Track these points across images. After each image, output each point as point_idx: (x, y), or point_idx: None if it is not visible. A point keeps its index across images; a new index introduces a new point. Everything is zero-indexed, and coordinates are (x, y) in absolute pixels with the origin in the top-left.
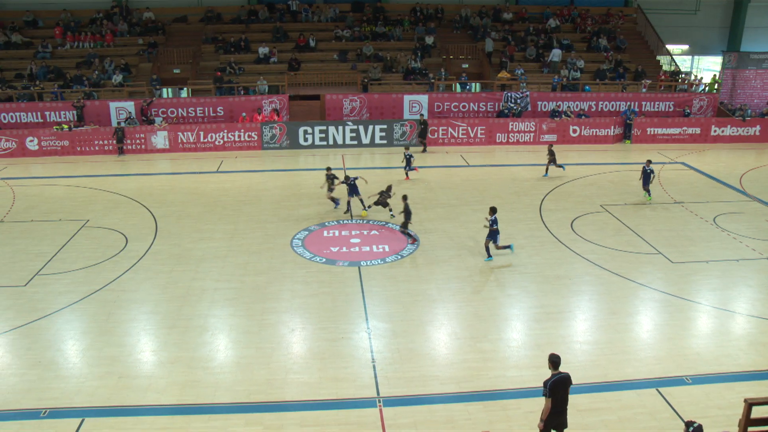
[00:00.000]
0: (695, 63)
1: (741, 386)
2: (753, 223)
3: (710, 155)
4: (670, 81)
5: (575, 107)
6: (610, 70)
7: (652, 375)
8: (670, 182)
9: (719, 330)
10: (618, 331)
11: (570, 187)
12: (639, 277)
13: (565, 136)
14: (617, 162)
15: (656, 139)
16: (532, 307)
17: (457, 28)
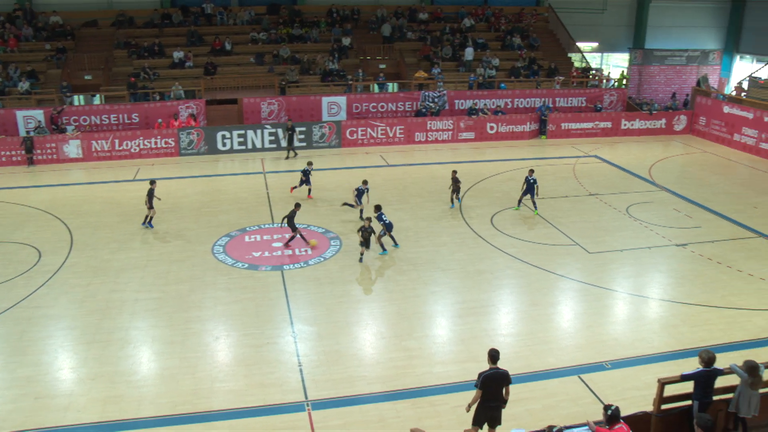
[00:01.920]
0: (604, 60)
1: (655, 367)
2: (662, 212)
3: (621, 148)
4: (581, 77)
5: (492, 105)
6: (524, 68)
7: (574, 362)
8: (585, 175)
9: (634, 315)
10: (539, 321)
11: (488, 184)
12: (558, 268)
13: (483, 133)
14: (534, 157)
15: (570, 134)
16: (455, 303)
17: (374, 28)
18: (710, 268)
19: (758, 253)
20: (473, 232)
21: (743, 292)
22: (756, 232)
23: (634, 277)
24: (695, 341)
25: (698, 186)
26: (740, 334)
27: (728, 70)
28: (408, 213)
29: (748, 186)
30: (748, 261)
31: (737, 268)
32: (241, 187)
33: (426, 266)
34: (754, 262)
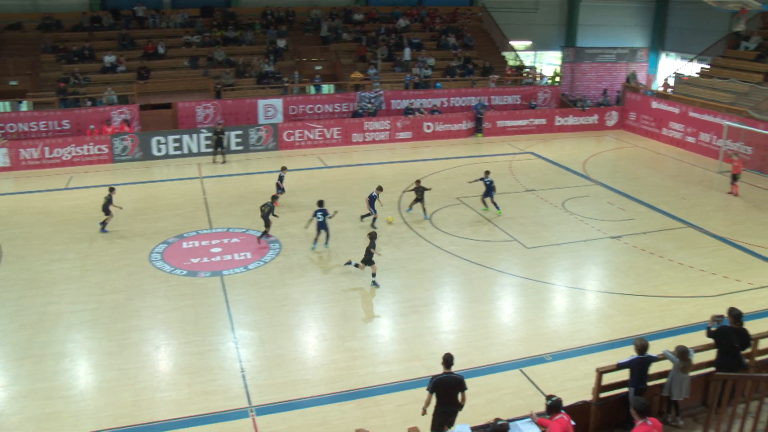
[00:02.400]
0: (538, 58)
1: (594, 357)
2: (597, 206)
3: (556, 144)
4: (515, 76)
5: (428, 104)
6: (459, 67)
7: (515, 356)
8: (521, 171)
9: (572, 307)
10: (481, 317)
11: (427, 182)
12: (497, 264)
13: (420, 132)
14: (471, 155)
15: (506, 131)
16: (397, 302)
17: (309, 30)
18: (643, 258)
19: (687, 242)
20: (413, 231)
21: (674, 280)
22: (685, 223)
23: (571, 270)
24: (631, 330)
25: (630, 179)
26: (672, 321)
27: (655, 66)
28: (347, 214)
29: (676, 178)
30: (678, 251)
31: (668, 258)
32: (177, 192)
33: (367, 267)
34: (684, 251)
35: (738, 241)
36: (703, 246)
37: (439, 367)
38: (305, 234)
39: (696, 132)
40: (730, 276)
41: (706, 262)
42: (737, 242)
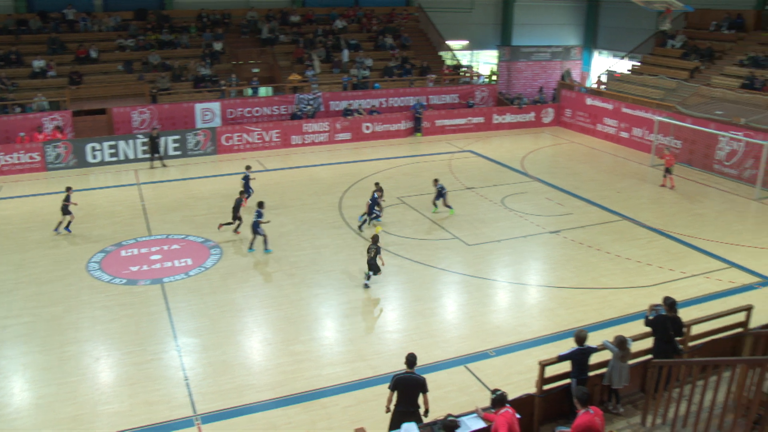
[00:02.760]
0: (474, 57)
1: (536, 351)
2: (535, 201)
3: (494, 142)
4: (453, 75)
5: (367, 105)
6: (397, 67)
7: (459, 353)
8: (460, 170)
9: (514, 302)
10: (424, 316)
11: (368, 183)
12: (439, 262)
13: (359, 133)
14: (410, 155)
15: (445, 130)
16: (340, 304)
17: (245, 32)
18: (581, 252)
19: (623, 235)
20: (354, 232)
21: (611, 272)
22: (620, 216)
23: (512, 266)
24: (572, 322)
25: (567, 174)
26: (611, 312)
27: (588, 64)
28: (288, 217)
29: (611, 172)
30: (615, 243)
31: (605, 251)
32: (114, 200)
33: (308, 269)
34: (620, 243)
35: (670, 231)
36: (638, 238)
37: (385, 366)
38: (247, 238)
39: (629, 127)
40: (664, 266)
41: (642, 254)
42: (670, 233)
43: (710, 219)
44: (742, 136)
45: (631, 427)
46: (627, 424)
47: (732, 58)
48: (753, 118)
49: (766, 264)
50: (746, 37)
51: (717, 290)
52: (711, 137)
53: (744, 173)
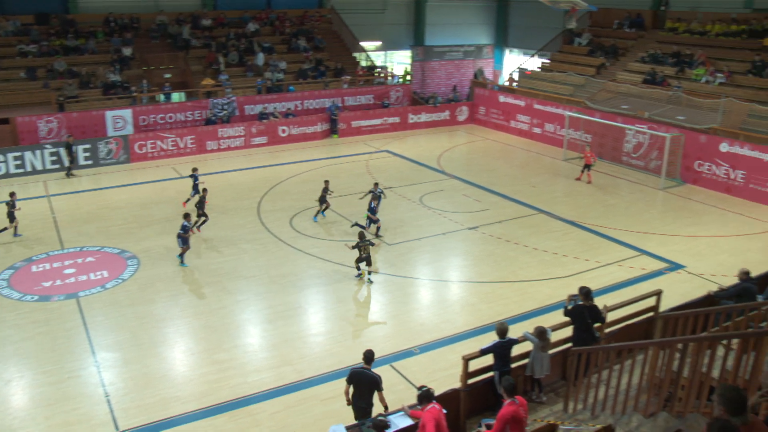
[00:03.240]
0: (388, 57)
1: (460, 346)
2: (453, 199)
3: (410, 141)
4: (367, 76)
5: (282, 108)
6: (311, 69)
7: (385, 352)
8: (378, 170)
9: (437, 299)
10: (347, 317)
11: (285, 186)
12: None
13: (275, 136)
14: (328, 157)
15: (361, 131)
16: (262, 309)
17: (155, 37)
18: (500, 246)
19: (539, 228)
20: (273, 236)
21: (529, 265)
22: (536, 209)
23: (433, 263)
24: (493, 316)
25: (483, 171)
26: (531, 304)
27: (500, 62)
28: (207, 224)
29: (526, 168)
30: (531, 236)
31: (523, 244)
32: (22, 213)
33: (229, 276)
34: (536, 237)
35: (584, 223)
36: (554, 230)
37: (310, 370)
38: (164, 247)
39: (541, 123)
40: (579, 256)
41: (558, 245)
42: (584, 224)
43: (621, 209)
44: (646, 129)
45: (554, 415)
46: (550, 411)
47: (634, 55)
48: (655, 111)
49: (673, 250)
50: (646, 35)
51: (629, 277)
52: (618, 131)
53: (650, 164)
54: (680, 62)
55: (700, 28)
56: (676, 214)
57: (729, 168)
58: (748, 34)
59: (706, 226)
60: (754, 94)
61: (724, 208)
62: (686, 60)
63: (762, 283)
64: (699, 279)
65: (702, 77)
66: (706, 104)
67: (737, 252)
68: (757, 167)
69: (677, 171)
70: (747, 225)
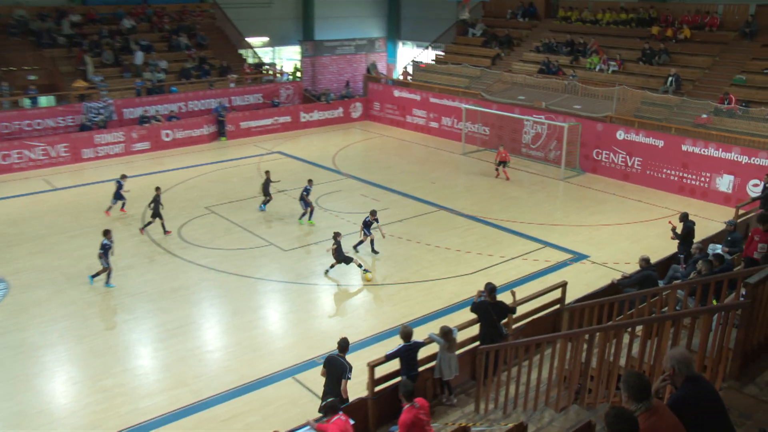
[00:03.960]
0: (277, 53)
1: (366, 352)
2: (350, 199)
3: (303, 141)
4: (255, 73)
5: (164, 110)
6: (194, 68)
7: (286, 365)
8: (271, 172)
9: (339, 305)
10: (245, 329)
11: (171, 194)
12: (255, 271)
13: (158, 141)
14: (216, 161)
15: (251, 133)
16: (152, 328)
17: (14, 33)
18: (401, 246)
19: (440, 225)
20: (161, 248)
21: (433, 263)
22: (437, 206)
23: (334, 267)
24: (399, 318)
25: (380, 169)
26: (437, 303)
27: (394, 56)
28: (86, 239)
29: (423, 163)
30: (434, 234)
31: (425, 242)
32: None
33: (115, 294)
34: (438, 234)
35: (487, 217)
36: (457, 226)
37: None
38: (37, 268)
39: (438, 117)
40: (483, 252)
41: (461, 242)
42: (486, 219)
43: (523, 202)
44: (544, 119)
45: (465, 416)
46: (462, 413)
47: (529, 44)
48: (552, 101)
49: (576, 240)
50: (539, 24)
51: (534, 270)
52: (516, 122)
53: (549, 155)
54: (574, 51)
55: (592, 16)
56: (578, 204)
57: (626, 155)
58: (636, 23)
59: (607, 215)
60: (645, 81)
61: (624, 195)
62: (580, 49)
63: (662, 269)
64: (603, 268)
65: (596, 66)
66: (601, 93)
67: (637, 239)
68: (652, 153)
69: (576, 161)
70: (646, 211)
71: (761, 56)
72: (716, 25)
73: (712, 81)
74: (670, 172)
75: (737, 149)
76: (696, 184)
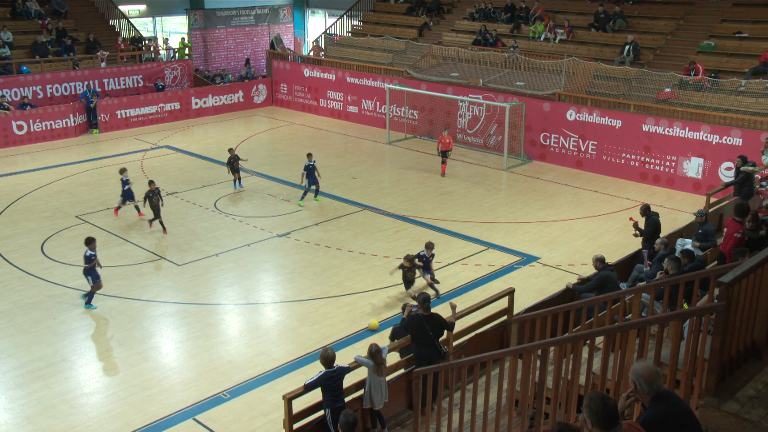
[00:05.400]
0: (159, 26)
1: (281, 383)
2: (256, 201)
3: (197, 132)
4: (132, 50)
5: (15, 96)
6: (51, 43)
7: (185, 403)
8: (157, 171)
9: (247, 327)
10: (132, 364)
11: (30, 202)
12: (143, 293)
13: (9, 135)
14: (88, 158)
15: (130, 123)
16: (9, 371)
17: None
18: (319, 254)
19: (365, 227)
20: (18, 269)
21: (358, 273)
22: (359, 205)
23: (238, 283)
24: (319, 341)
25: (291, 163)
26: (364, 321)
27: (302, 27)
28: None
29: (342, 156)
30: (357, 238)
31: (347, 249)
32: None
33: None
34: (363, 238)
35: (419, 217)
36: (384, 228)
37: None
38: None
39: (357, 100)
40: None
41: (390, 246)
42: (418, 218)
43: (460, 197)
44: (481, 99)
45: None
46: None
47: (462, 11)
48: (491, 78)
49: (524, 240)
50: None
51: (477, 277)
52: (450, 103)
53: (489, 141)
54: (515, 17)
55: None
56: (525, 198)
57: (578, 139)
58: None
59: (558, 209)
60: (598, 51)
61: (577, 186)
62: (521, 15)
63: (624, 268)
64: (556, 271)
65: (540, 35)
66: (548, 66)
67: (594, 235)
68: (609, 136)
69: (521, 147)
70: (603, 203)
71: (732, 17)
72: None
73: (676, 49)
74: (630, 156)
75: (706, 128)
76: (660, 170)
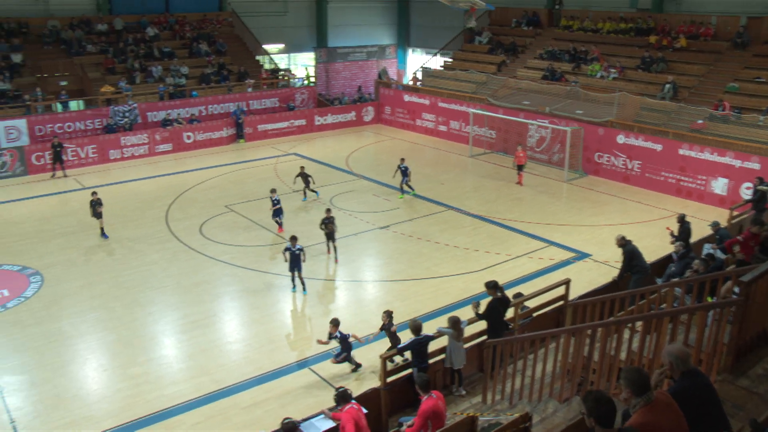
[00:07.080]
0: (292, 60)
1: (378, 345)
2: (363, 199)
3: (318, 143)
4: (271, 79)
5: (186, 114)
6: (214, 74)
7: (302, 356)
8: (286, 173)
9: (353, 300)
10: (262, 323)
11: (193, 194)
12: (272, 267)
13: (180, 143)
14: (235, 162)
15: (268, 135)
16: (176, 320)
17: (48, 42)
18: (412, 244)
19: (449, 224)
20: (183, 244)
21: (443, 261)
22: (446, 206)
23: (347, 264)
24: (410, 313)
25: (391, 170)
26: (446, 299)
27: (404, 62)
28: (112, 235)
29: (434, 165)
30: (443, 233)
31: (435, 241)
32: None
33: (139, 287)
34: (447, 233)
35: (493, 217)
36: (465, 226)
37: (230, 378)
38: (69, 262)
39: (446, 121)
40: (490, 250)
41: (469, 240)
42: (493, 219)
43: (528, 202)
44: (547, 123)
45: (474, 407)
46: (470, 404)
47: (533, 52)
48: (555, 106)
49: (578, 239)
50: (543, 32)
51: (539, 268)
52: (521, 126)
53: (553, 158)
54: (576, 58)
55: (593, 26)
56: (580, 205)
57: (626, 159)
58: (635, 32)
59: (608, 215)
60: (644, 88)
61: (624, 197)
62: (581, 56)
63: (659, 268)
64: (604, 266)
65: (597, 72)
66: (602, 98)
67: (637, 238)
68: (651, 157)
69: (579, 163)
70: (644, 212)
71: (753, 65)
72: (710, 35)
73: (707, 88)
74: (668, 175)
75: (731, 153)
76: (693, 187)
